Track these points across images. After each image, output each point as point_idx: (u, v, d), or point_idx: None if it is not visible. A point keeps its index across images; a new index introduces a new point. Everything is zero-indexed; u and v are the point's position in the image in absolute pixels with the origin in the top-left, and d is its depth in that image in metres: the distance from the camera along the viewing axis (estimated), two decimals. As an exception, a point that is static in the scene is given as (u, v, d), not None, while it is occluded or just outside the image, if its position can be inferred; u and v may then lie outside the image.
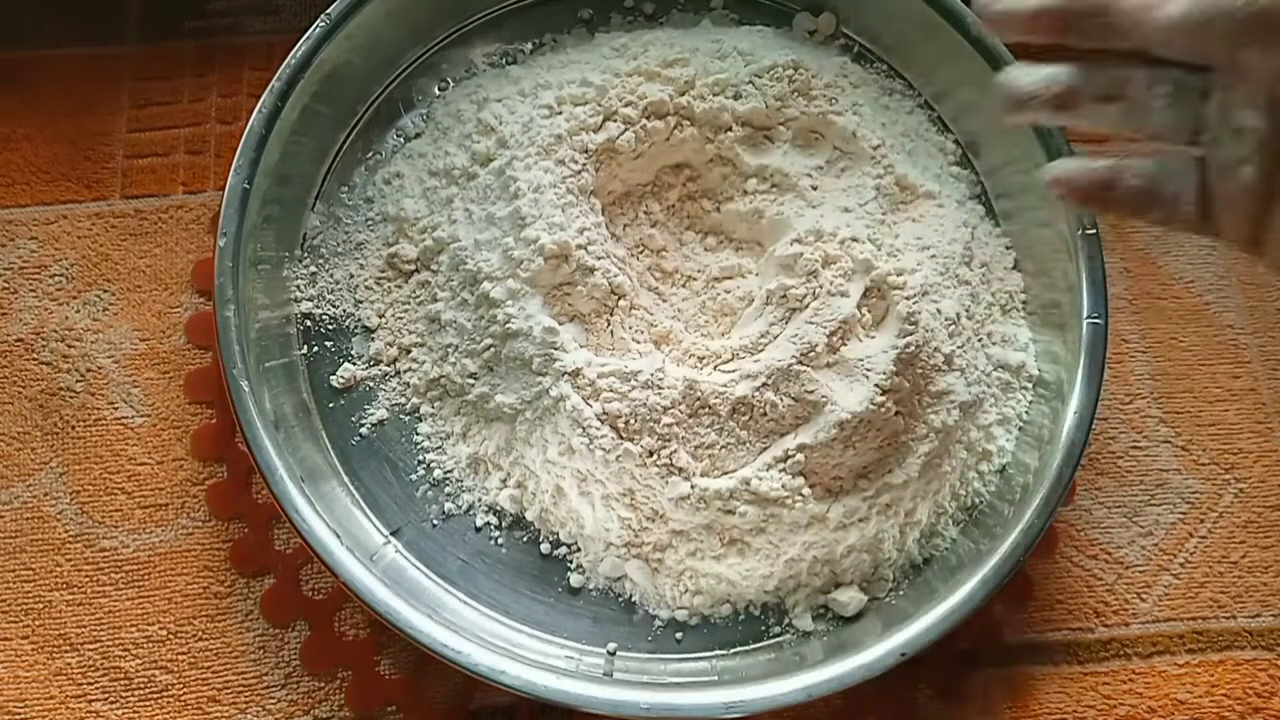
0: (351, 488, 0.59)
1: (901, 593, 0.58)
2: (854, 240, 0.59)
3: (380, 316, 0.62)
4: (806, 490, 0.55)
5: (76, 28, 0.70)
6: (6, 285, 0.65)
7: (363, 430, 0.60)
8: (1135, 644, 0.62)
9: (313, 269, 0.63)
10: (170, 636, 0.59)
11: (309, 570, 0.60)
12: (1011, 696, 0.60)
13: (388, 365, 0.61)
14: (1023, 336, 0.63)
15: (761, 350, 0.57)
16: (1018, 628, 0.62)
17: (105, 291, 0.65)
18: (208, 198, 0.67)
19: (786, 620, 0.58)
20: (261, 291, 0.59)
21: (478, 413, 0.60)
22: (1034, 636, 0.62)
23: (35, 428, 0.62)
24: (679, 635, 0.58)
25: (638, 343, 0.59)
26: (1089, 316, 0.59)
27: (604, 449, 0.56)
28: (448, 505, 0.59)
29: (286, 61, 0.60)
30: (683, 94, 0.62)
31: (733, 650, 0.57)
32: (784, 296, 0.58)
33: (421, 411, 0.61)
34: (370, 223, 0.64)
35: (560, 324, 0.58)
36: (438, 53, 0.67)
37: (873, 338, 0.58)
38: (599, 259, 0.59)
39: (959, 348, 0.59)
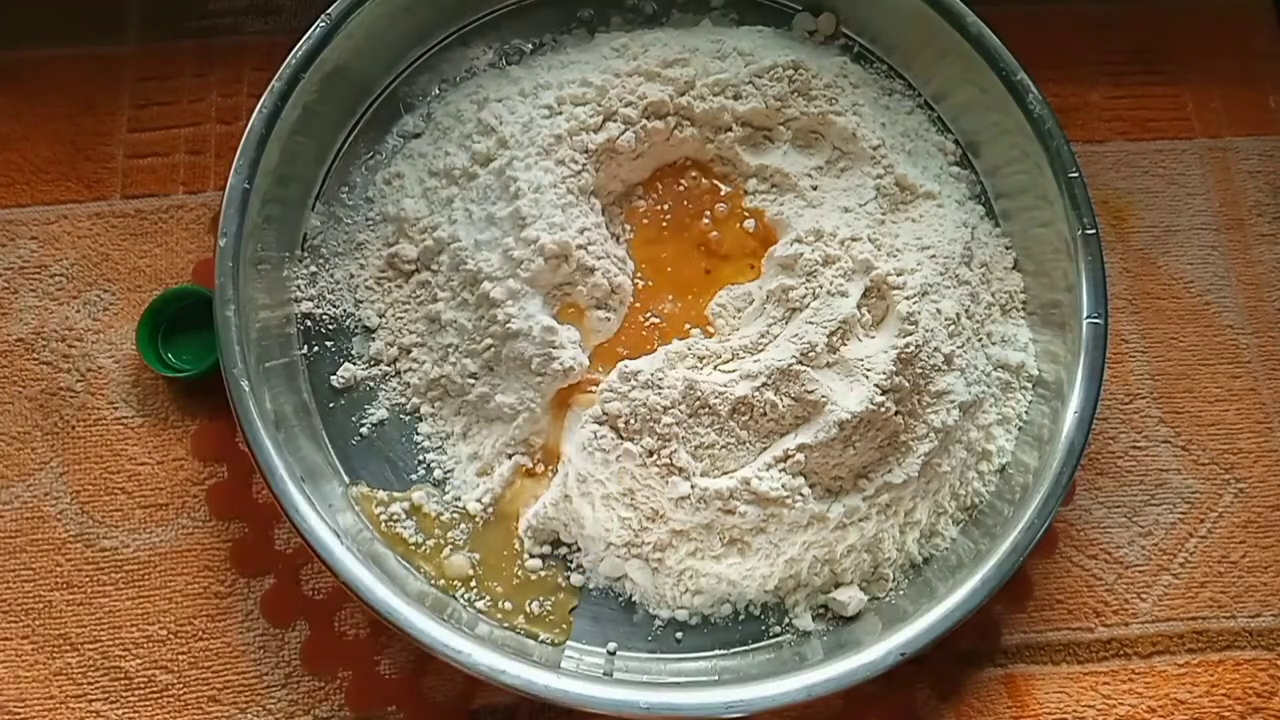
0: (351, 488, 0.59)
1: (901, 592, 0.58)
2: (854, 240, 0.59)
3: (380, 316, 0.62)
4: (806, 490, 0.55)
5: (76, 28, 0.70)
6: (7, 285, 0.65)
7: (363, 430, 0.60)
8: (1135, 644, 0.62)
9: (313, 269, 0.63)
10: (170, 636, 0.59)
11: (309, 570, 0.60)
12: (1011, 696, 0.60)
13: (388, 365, 0.61)
14: (1023, 336, 0.63)
15: (761, 350, 0.57)
16: (1018, 627, 0.62)
17: (105, 291, 0.65)
18: (208, 198, 0.67)
19: (786, 620, 0.58)
20: (262, 291, 0.59)
21: (478, 413, 0.60)
22: (1034, 636, 0.62)
23: (35, 428, 0.62)
24: (679, 635, 0.58)
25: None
26: (1089, 316, 0.59)
27: (604, 449, 0.56)
28: (448, 505, 0.59)
29: (287, 61, 0.60)
30: (683, 94, 0.62)
31: (733, 650, 0.57)
32: (784, 296, 0.58)
33: (422, 411, 0.61)
34: (370, 223, 0.64)
35: (560, 324, 0.58)
36: (438, 53, 0.67)
37: (873, 338, 0.58)
38: (599, 259, 0.59)
39: (959, 348, 0.59)
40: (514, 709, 0.58)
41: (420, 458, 0.60)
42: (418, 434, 0.60)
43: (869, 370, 0.56)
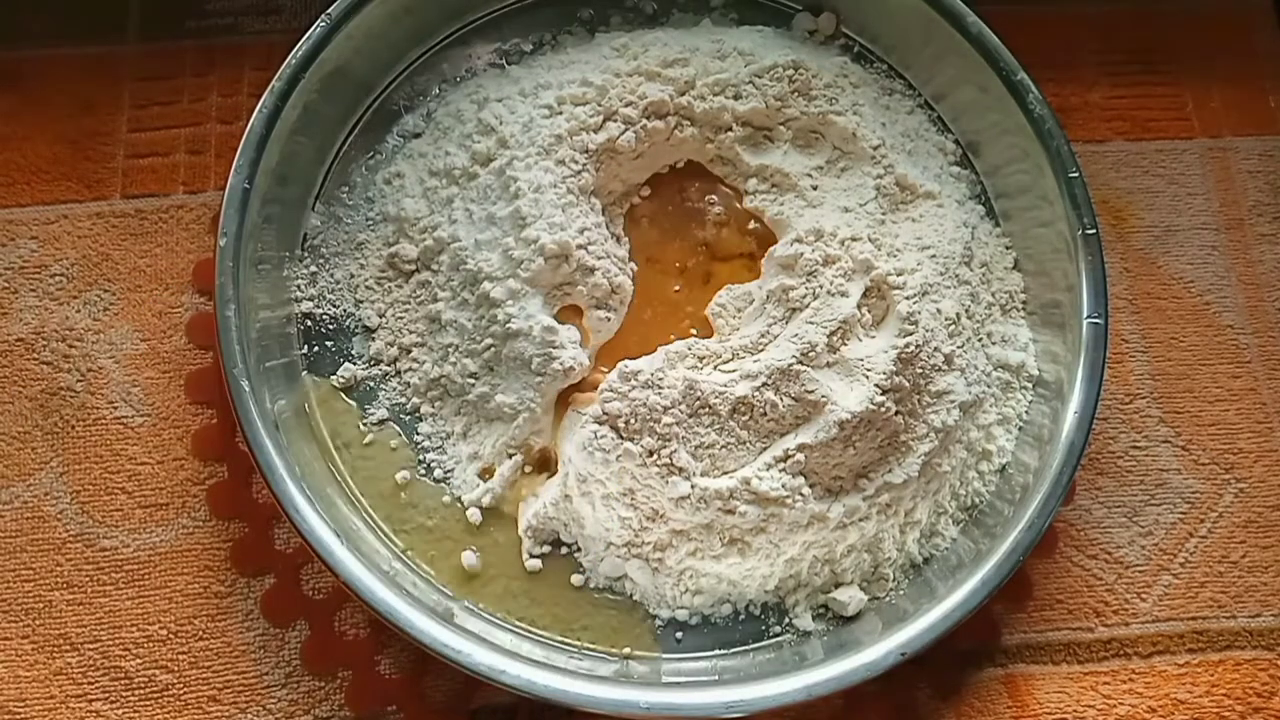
0: (352, 487, 0.59)
1: (902, 592, 0.58)
2: (854, 240, 0.59)
3: (380, 316, 0.62)
4: (806, 490, 0.55)
5: (76, 28, 0.70)
6: (7, 285, 0.65)
7: (363, 430, 0.60)
8: (1135, 644, 0.62)
9: (313, 269, 0.63)
10: (170, 636, 0.59)
11: (309, 570, 0.60)
12: (1011, 696, 0.60)
13: (388, 365, 0.61)
14: (1023, 336, 0.63)
15: (761, 350, 0.57)
16: (1018, 627, 0.62)
17: (105, 291, 0.65)
18: (208, 198, 0.67)
19: (787, 620, 0.58)
20: (262, 291, 0.59)
21: (478, 413, 0.60)
22: (1034, 636, 0.62)
23: (35, 428, 0.62)
24: (679, 635, 0.58)
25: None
26: (1089, 316, 0.59)
27: (604, 449, 0.56)
28: (448, 505, 0.59)
29: (287, 61, 0.60)
30: (683, 94, 0.62)
31: (733, 650, 0.57)
32: (784, 296, 0.58)
33: (422, 411, 0.61)
34: (370, 223, 0.64)
35: (560, 324, 0.58)
36: (438, 53, 0.67)
37: (873, 337, 0.58)
38: (599, 259, 0.59)
39: (959, 347, 0.59)
40: (514, 709, 0.58)
41: (420, 458, 0.60)
42: (418, 434, 0.60)
43: (869, 370, 0.56)
